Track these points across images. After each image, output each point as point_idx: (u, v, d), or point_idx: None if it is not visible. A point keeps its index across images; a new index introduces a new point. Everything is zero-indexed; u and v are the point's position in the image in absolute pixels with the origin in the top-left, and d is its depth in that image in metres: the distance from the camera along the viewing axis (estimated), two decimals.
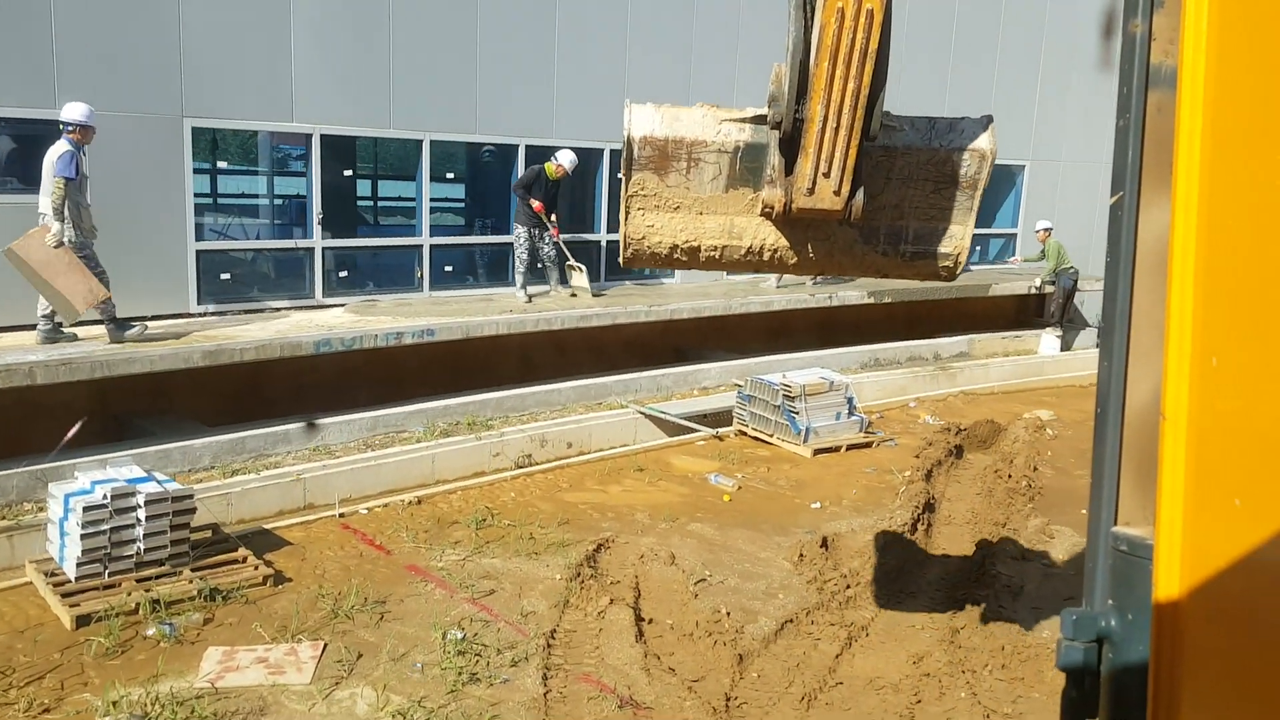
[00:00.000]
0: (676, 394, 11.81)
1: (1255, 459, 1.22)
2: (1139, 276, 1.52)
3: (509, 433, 9.79)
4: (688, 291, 12.79)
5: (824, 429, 9.95)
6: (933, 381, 13.38)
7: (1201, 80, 1.25)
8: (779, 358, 12.83)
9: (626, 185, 3.84)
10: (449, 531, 7.35)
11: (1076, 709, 1.54)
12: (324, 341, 9.00)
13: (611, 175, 12.39)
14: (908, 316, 15.25)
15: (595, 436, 10.39)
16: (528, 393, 10.59)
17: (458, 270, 11.52)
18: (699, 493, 8.54)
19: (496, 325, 10.27)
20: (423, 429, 9.67)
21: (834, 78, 3.33)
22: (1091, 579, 1.56)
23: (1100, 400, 1.57)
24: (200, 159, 16.16)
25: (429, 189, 10.90)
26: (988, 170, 3.83)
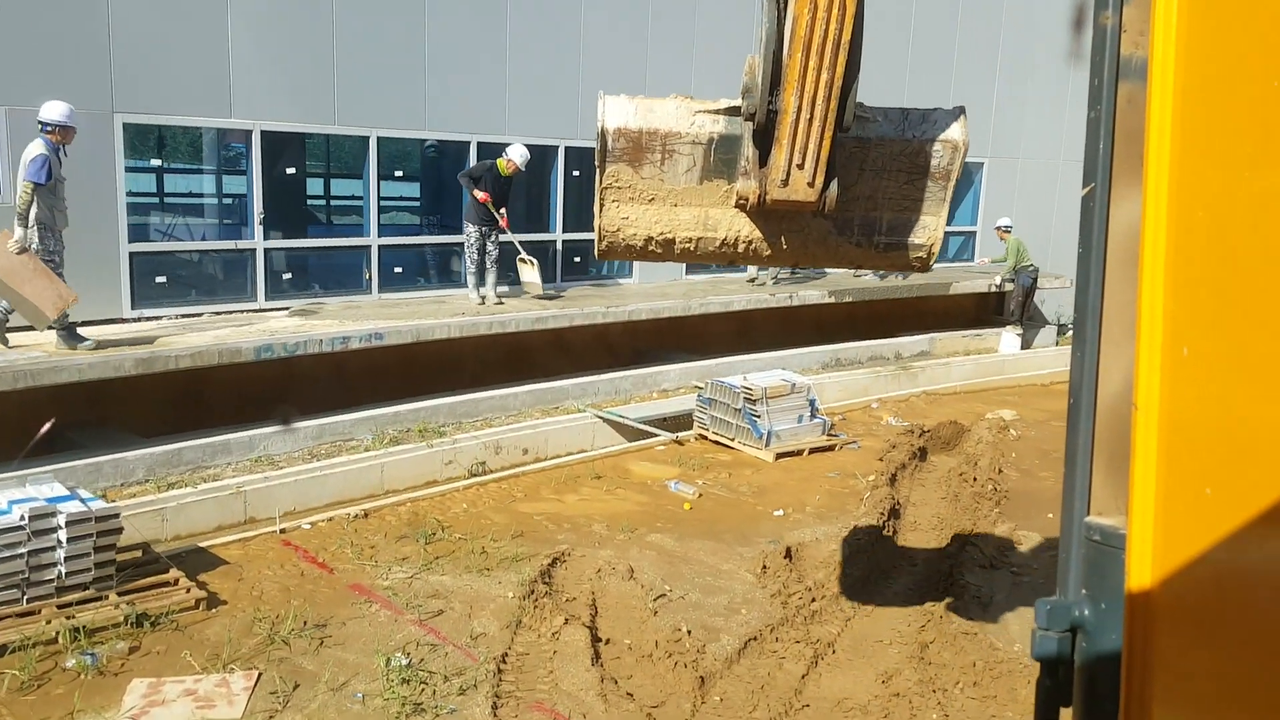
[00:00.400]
0: (636, 396, 11.53)
1: (1226, 448, 1.22)
2: (1110, 268, 1.52)
3: (462, 439, 9.45)
4: (646, 292, 12.52)
5: (786, 432, 9.72)
6: (894, 381, 13.23)
7: (1171, 72, 1.25)
8: (740, 358, 12.61)
9: (601, 177, 3.79)
10: (396, 546, 7.01)
11: (1051, 698, 1.54)
12: (265, 347, 8.61)
13: (567, 172, 12.08)
14: (869, 315, 15.10)
15: (552, 442, 10.08)
16: (482, 397, 10.25)
17: (409, 271, 11.15)
18: (659, 501, 8.26)
19: (449, 328, 9.92)
20: (371, 437, 9.31)
21: (807, 69, 3.31)
22: (1065, 568, 1.56)
23: (1073, 391, 1.57)
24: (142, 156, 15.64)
25: (377, 187, 10.51)
26: (960, 161, 3.84)
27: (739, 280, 13.96)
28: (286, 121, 9.83)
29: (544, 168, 12.24)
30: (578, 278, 12.55)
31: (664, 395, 11.69)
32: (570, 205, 12.26)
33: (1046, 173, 16.81)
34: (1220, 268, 1.22)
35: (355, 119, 10.19)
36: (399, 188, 19.30)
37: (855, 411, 11.83)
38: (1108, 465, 1.52)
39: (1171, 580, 1.28)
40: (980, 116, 16.04)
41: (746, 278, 14.05)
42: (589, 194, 13.17)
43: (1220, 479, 1.23)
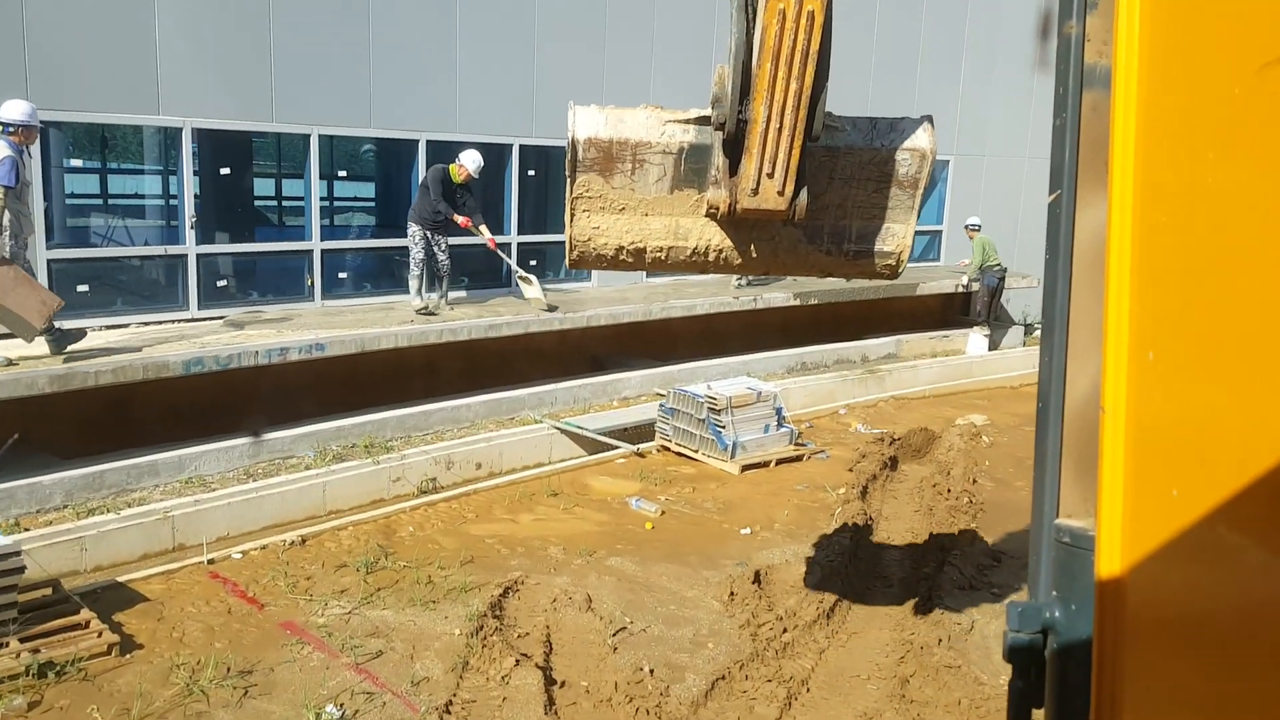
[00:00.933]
0: (595, 406, 11.06)
1: (1192, 450, 1.24)
2: (1077, 273, 1.53)
3: (411, 455, 8.94)
4: (606, 296, 12.04)
5: (752, 443, 9.29)
6: (862, 385, 12.87)
7: (1135, 80, 1.28)
8: (703, 364, 12.19)
9: (571, 187, 3.80)
10: (335, 577, 6.49)
11: (1023, 699, 1.55)
12: (195, 361, 8.03)
13: (521, 172, 11.58)
14: (834, 318, 14.75)
15: (507, 455, 9.59)
16: (433, 409, 9.73)
17: (354, 277, 10.59)
18: (619, 520, 7.80)
19: (396, 337, 9.38)
20: (314, 454, 8.76)
21: (776, 79, 3.32)
22: (1035, 571, 1.57)
23: (1041, 395, 1.59)
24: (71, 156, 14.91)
25: (319, 188, 9.93)
26: (928, 169, 3.86)
27: (701, 283, 13.53)
28: (220, 119, 9.24)
29: (498, 167, 11.73)
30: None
31: (625, 404, 11.23)
32: (526, 206, 11.76)
33: (1012, 170, 16.56)
34: (1185, 272, 1.23)
35: (295, 116, 9.61)
36: (356, 188, 18.58)
37: (823, 418, 11.44)
38: (1076, 468, 1.54)
39: (1140, 580, 1.29)
40: (945, 113, 15.76)
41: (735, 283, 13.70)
42: (545, 194, 12.69)
43: (1187, 480, 1.24)
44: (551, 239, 12.40)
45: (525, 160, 11.56)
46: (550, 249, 12.38)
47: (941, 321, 16.10)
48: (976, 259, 14.69)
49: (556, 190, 12.75)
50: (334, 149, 16.18)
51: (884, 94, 14.59)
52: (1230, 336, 1.19)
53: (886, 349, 14.36)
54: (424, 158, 10.53)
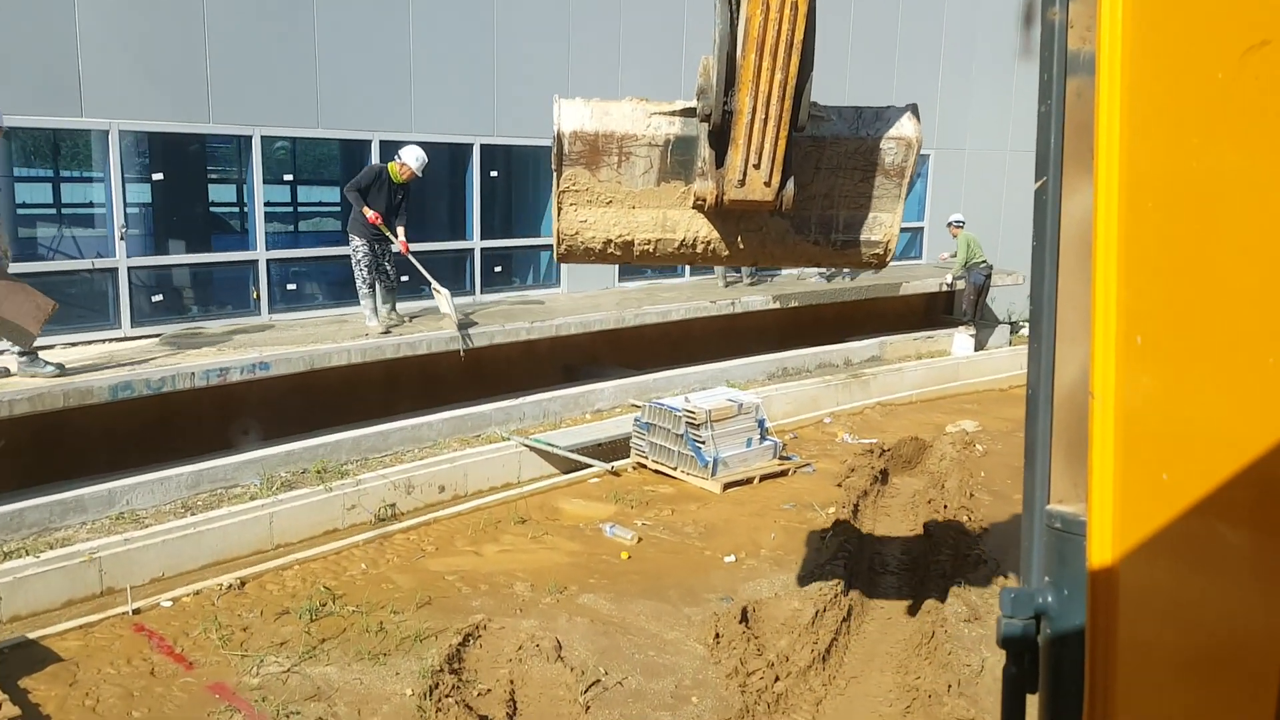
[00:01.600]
0: (567, 419, 10.43)
1: (1182, 434, 1.25)
2: (1064, 260, 1.53)
3: (367, 480, 8.27)
4: (576, 303, 11.41)
5: (734, 458, 8.69)
6: (845, 391, 12.30)
7: (1119, 65, 1.28)
8: (679, 372, 11.60)
9: (558, 181, 3.75)
10: (275, 627, 5.82)
11: (1017, 685, 1.56)
12: (123, 385, 7.32)
13: (484, 173, 10.92)
14: (815, 320, 14.20)
15: (473, 476, 8.95)
16: (391, 429, 9.06)
17: (304, 288, 9.89)
18: (592, 549, 7.17)
19: (348, 353, 8.71)
20: (259, 482, 8.07)
21: (761, 70, 3.32)
22: (1028, 557, 1.58)
23: (1031, 382, 1.60)
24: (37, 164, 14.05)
25: (262, 192, 9.23)
26: (914, 157, 3.84)
27: (676, 287, 12.93)
28: (150, 120, 8.53)
29: (458, 169, 11.07)
30: (499, 288, 11.38)
31: (598, 416, 10.61)
32: (488, 209, 11.10)
33: (995, 164, 16.06)
34: (1171, 257, 1.24)
35: (234, 116, 8.91)
36: (322, 193, 17.75)
37: (807, 428, 10.86)
38: (1067, 454, 1.55)
39: (1132, 564, 1.30)
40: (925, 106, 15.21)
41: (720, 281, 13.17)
42: (509, 197, 12.04)
43: (1177, 464, 1.25)
44: (518, 244, 11.76)
45: (486, 160, 10.90)
46: (516, 254, 11.73)
47: (926, 321, 15.58)
48: (961, 256, 14.17)
49: (521, 192, 12.10)
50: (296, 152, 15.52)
51: (861, 87, 14.05)
52: (1217, 320, 1.20)
53: (870, 351, 13.81)
54: (377, 159, 9.85)
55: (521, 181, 12.04)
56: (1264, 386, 1.16)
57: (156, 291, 8.76)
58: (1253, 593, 1.20)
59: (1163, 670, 1.31)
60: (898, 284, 13.98)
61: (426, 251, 10.29)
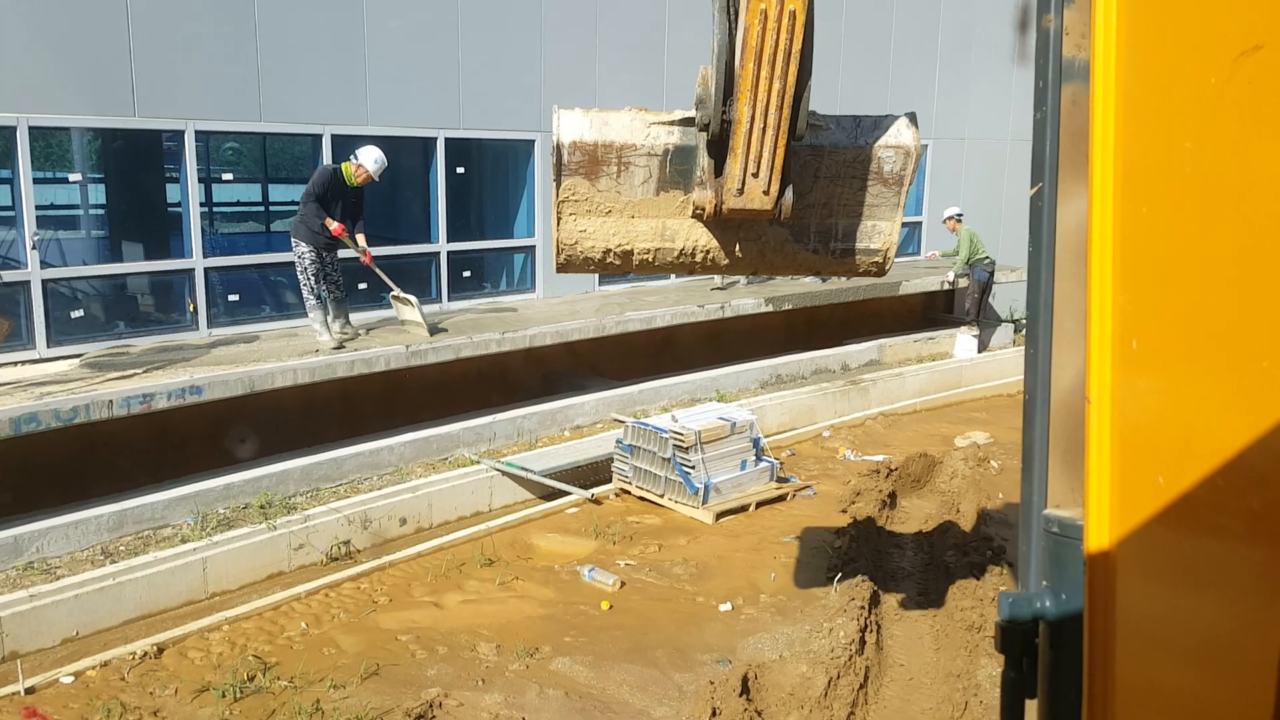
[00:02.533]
0: (543, 438, 9.55)
1: (1177, 438, 1.26)
2: (1061, 265, 1.54)
3: (318, 515, 7.39)
4: (552, 309, 10.51)
5: (727, 484, 7.83)
6: (844, 400, 11.45)
7: (1113, 72, 1.28)
8: (666, 382, 10.73)
9: (557, 191, 3.73)
10: (192, 709, 4.92)
11: (1016, 690, 1.56)
12: (28, 417, 6.40)
13: (449, 169, 10.01)
14: (808, 322, 13.35)
15: (438, 506, 8.08)
16: (346, 455, 8.16)
17: (249, 298, 8.95)
18: (569, 598, 6.29)
19: (294, 373, 7.79)
20: (194, 521, 7.17)
21: (759, 79, 3.31)
22: (1025, 561, 1.60)
23: (1027, 386, 1.61)
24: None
25: (198, 193, 8.28)
26: (913, 166, 3.81)
27: (661, 290, 12.06)
28: (64, 114, 7.58)
29: (420, 165, 10.16)
30: (467, 294, 10.47)
31: (577, 433, 9.73)
32: (454, 209, 10.18)
33: (994, 154, 15.23)
34: (1166, 261, 1.25)
35: (163, 109, 7.97)
36: (233, 190, 16.64)
37: (805, 442, 10.00)
38: (1064, 458, 1.55)
39: (1129, 568, 1.30)
40: (922, 95, 14.44)
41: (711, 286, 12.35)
42: (478, 195, 11.13)
43: (1173, 468, 1.26)
44: (489, 246, 10.85)
45: (452, 156, 9.98)
46: (487, 258, 10.82)
47: (925, 321, 14.75)
48: (964, 253, 13.33)
49: (492, 190, 11.19)
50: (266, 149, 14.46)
51: (856, 78, 13.19)
52: (1213, 324, 1.21)
53: (868, 355, 12.96)
54: (328, 156, 8.93)
55: (492, 178, 11.12)
56: (1259, 390, 1.17)
57: (77, 306, 7.81)
58: (1249, 595, 1.20)
59: (1161, 672, 1.32)
60: (897, 283, 13.14)
61: (387, 256, 9.39)
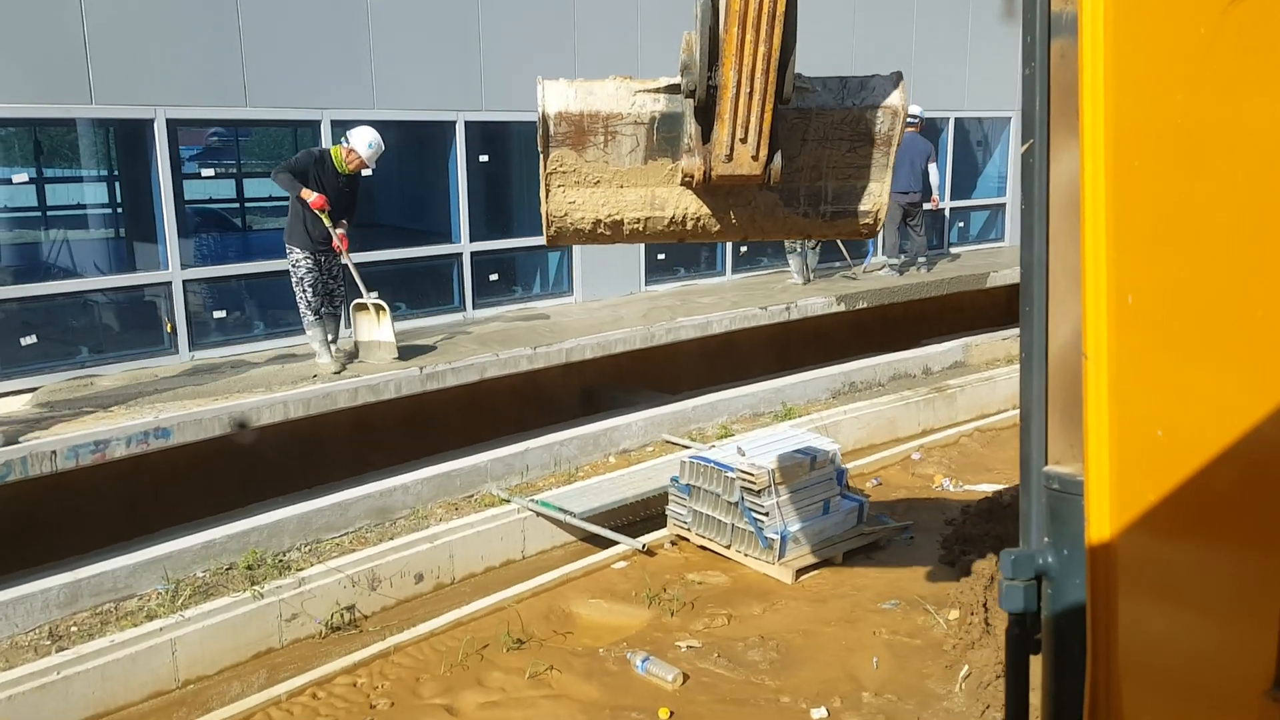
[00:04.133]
0: (584, 466, 8.23)
1: (1174, 391, 1.26)
2: (1054, 221, 1.54)
3: (314, 576, 6.17)
4: (592, 315, 9.17)
5: (807, 531, 6.44)
6: (929, 410, 10.00)
7: (1101, 25, 1.28)
8: (723, 395, 9.36)
9: (544, 163, 3.65)
10: None
11: (1020, 646, 1.58)
12: None
13: (470, 157, 8.69)
14: (881, 321, 11.89)
15: (462, 556, 6.84)
16: (353, 498, 6.90)
17: (239, 315, 7.71)
18: (617, 699, 4.95)
19: (286, 406, 6.53)
20: (165, 588, 5.95)
21: (744, 43, 3.27)
22: (1027, 519, 1.60)
23: (1024, 345, 1.63)
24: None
25: (172, 193, 7.02)
26: (900, 126, 3.75)
27: (717, 289, 10.67)
28: (10, 102, 6.36)
29: (438, 152, 8.85)
30: (496, 300, 9.17)
31: (624, 459, 8.39)
32: (478, 204, 8.86)
33: None
34: (1159, 214, 1.25)
35: (126, 94, 6.74)
36: (208, 187, 15.14)
37: (891, 466, 8.57)
38: (1062, 415, 1.54)
39: (1129, 522, 1.31)
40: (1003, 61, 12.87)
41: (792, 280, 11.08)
42: (506, 186, 9.81)
43: (1170, 421, 1.26)
44: (519, 245, 9.52)
45: (475, 142, 8.66)
46: (518, 259, 9.50)
47: (1009, 315, 13.18)
48: None
49: (522, 180, 9.85)
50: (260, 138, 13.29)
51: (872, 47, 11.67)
52: (1207, 275, 1.20)
53: (952, 356, 11.46)
54: (327, 143, 7.64)
55: (521, 167, 9.79)
56: (1255, 341, 1.16)
57: (29, 331, 6.61)
58: (1250, 544, 1.19)
59: (1163, 624, 1.31)
60: (984, 274, 11.63)
61: (399, 261, 8.11)
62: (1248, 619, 1.19)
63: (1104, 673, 1.35)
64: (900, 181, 10.99)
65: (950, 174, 12.82)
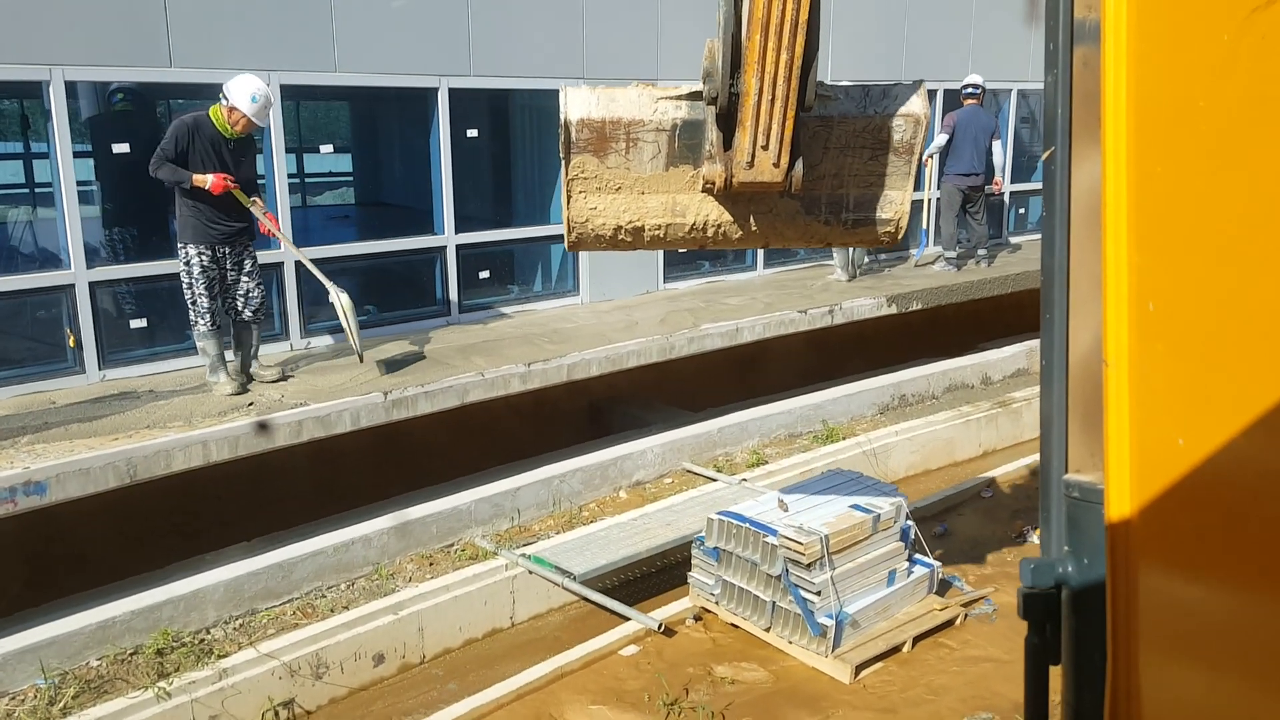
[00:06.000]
0: (589, 503, 6.86)
1: (1195, 398, 1.24)
2: (1076, 228, 1.53)
3: (241, 665, 4.86)
4: (601, 321, 7.75)
5: (869, 611, 5.05)
6: (992, 428, 8.58)
7: (1124, 33, 1.27)
8: (754, 414, 7.97)
9: (566, 169, 3.70)
10: None
11: (1039, 656, 1.55)
12: None
13: (456, 133, 7.27)
14: (931, 323, 10.45)
15: (434, 629, 5.57)
16: (299, 555, 5.55)
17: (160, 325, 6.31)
18: None
19: (206, 447, 5.16)
20: (45, 684, 4.62)
21: (766, 50, 3.28)
22: (1046, 527, 1.57)
23: (1044, 352, 1.60)
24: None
25: (73, 173, 5.62)
26: (922, 134, 3.73)
27: (746, 286, 9.26)
28: None
29: (414, 127, 7.44)
30: (487, 302, 7.77)
31: (637, 493, 7.02)
32: (465, 187, 7.45)
33: None
34: (1181, 222, 1.23)
35: (18, 52, 5.35)
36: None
37: (961, 512, 7.15)
38: (1083, 422, 1.53)
39: (1150, 530, 1.29)
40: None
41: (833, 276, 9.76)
42: (501, 167, 8.41)
43: (1192, 429, 1.24)
44: (514, 236, 8.11)
45: (461, 114, 7.24)
46: (515, 252, 8.09)
47: None
48: None
49: (518, 158, 8.43)
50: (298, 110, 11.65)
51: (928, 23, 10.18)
52: (1229, 283, 1.18)
53: (1014, 363, 10.01)
54: (279, 111, 6.24)
55: (521, 144, 8.36)
56: (1277, 349, 1.14)
57: None
58: (1272, 553, 1.17)
59: (1185, 634, 1.29)
60: None
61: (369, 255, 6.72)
62: (1271, 628, 1.17)
63: (1124, 683, 1.34)
64: (963, 162, 9.54)
65: (1011, 154, 11.35)
